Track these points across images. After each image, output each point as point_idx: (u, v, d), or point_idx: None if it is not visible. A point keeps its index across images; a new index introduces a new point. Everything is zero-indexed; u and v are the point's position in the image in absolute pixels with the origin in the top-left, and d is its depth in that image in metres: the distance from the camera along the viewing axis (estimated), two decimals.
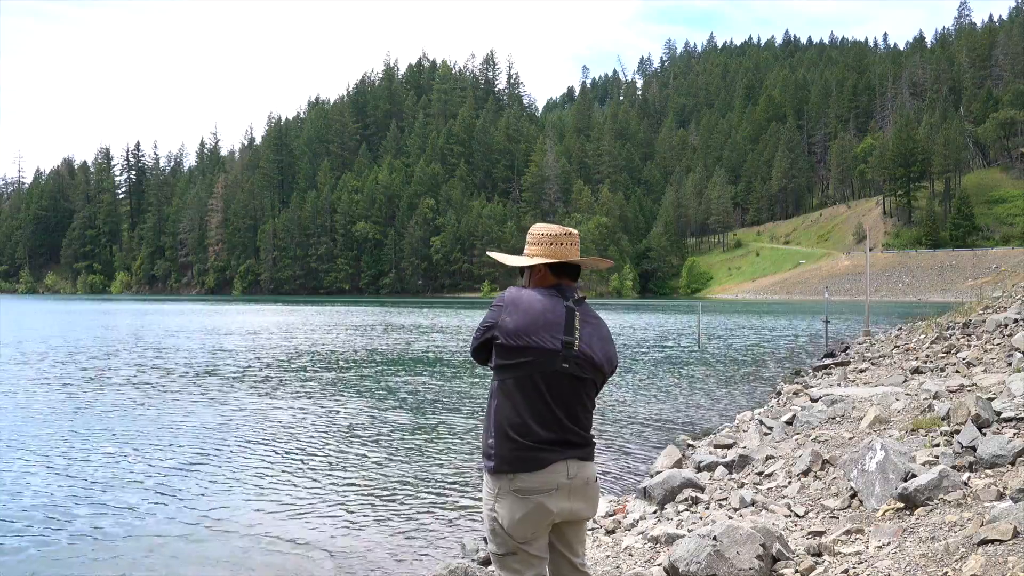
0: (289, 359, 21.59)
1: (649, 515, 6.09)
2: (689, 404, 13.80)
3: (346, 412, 12.59)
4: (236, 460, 9.10)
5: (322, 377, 17.42)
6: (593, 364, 2.87)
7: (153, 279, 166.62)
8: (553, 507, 2.82)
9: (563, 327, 2.83)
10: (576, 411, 2.86)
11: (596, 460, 2.76)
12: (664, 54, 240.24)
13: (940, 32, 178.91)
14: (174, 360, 20.82)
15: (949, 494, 4.53)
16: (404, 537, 6.40)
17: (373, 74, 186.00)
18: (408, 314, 55.50)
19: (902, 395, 8.56)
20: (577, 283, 3.02)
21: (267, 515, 6.95)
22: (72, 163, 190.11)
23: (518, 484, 2.80)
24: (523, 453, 2.79)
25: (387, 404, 13.53)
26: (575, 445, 2.86)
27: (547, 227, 2.99)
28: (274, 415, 12.23)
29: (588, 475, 2.90)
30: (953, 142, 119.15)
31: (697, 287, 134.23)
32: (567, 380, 2.83)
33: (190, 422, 11.46)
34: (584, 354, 2.85)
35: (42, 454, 9.28)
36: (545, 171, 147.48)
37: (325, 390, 15.23)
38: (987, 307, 17.08)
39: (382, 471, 8.65)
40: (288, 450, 9.69)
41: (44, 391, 14.58)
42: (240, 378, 17.01)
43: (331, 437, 10.52)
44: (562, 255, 2.95)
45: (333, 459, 9.21)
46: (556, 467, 2.82)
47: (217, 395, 14.34)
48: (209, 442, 10.07)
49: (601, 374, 2.91)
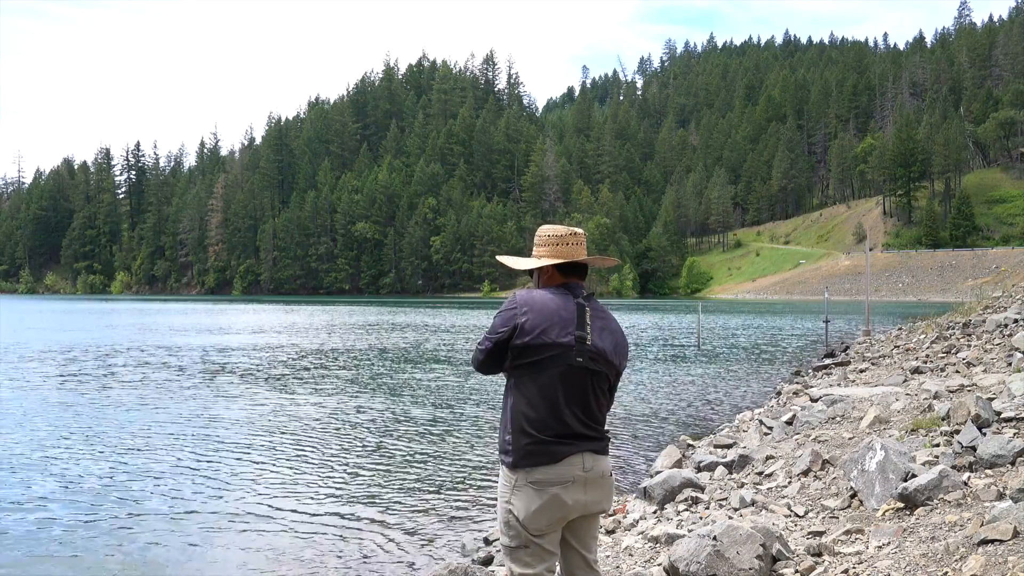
0: (291, 359, 21.59)
1: (649, 515, 6.09)
2: (689, 404, 13.80)
3: (346, 412, 12.60)
4: (236, 459, 9.10)
5: (323, 377, 17.42)
6: (605, 357, 2.93)
7: (153, 279, 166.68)
8: (569, 499, 2.86)
9: (575, 323, 2.90)
10: (591, 405, 2.92)
11: None
12: (664, 54, 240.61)
13: (940, 32, 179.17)
14: (182, 358, 20.83)
15: (949, 494, 4.53)
16: (404, 537, 6.40)
17: (373, 74, 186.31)
18: (411, 314, 55.50)
19: (902, 395, 8.55)
20: (585, 281, 3.09)
21: (267, 514, 6.95)
22: (72, 163, 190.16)
23: (535, 476, 2.84)
24: (539, 447, 2.84)
25: (388, 404, 13.53)
26: (590, 439, 2.91)
27: (553, 228, 3.07)
28: (275, 414, 12.23)
29: (604, 468, 2.94)
30: (953, 142, 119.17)
31: (697, 287, 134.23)
32: (581, 375, 2.89)
33: (188, 421, 11.46)
34: (597, 348, 2.91)
35: (50, 448, 9.29)
36: (545, 171, 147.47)
37: (326, 389, 15.23)
38: (987, 307, 17.09)
39: (382, 470, 8.65)
40: (289, 449, 9.69)
41: (53, 388, 14.58)
42: (242, 377, 17.01)
43: (331, 437, 10.52)
44: (569, 255, 3.02)
45: (333, 459, 9.21)
46: (572, 460, 2.86)
47: (217, 394, 14.34)
48: (209, 441, 10.06)
49: (613, 366, 2.97)
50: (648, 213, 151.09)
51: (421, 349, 25.45)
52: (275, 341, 28.54)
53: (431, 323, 42.81)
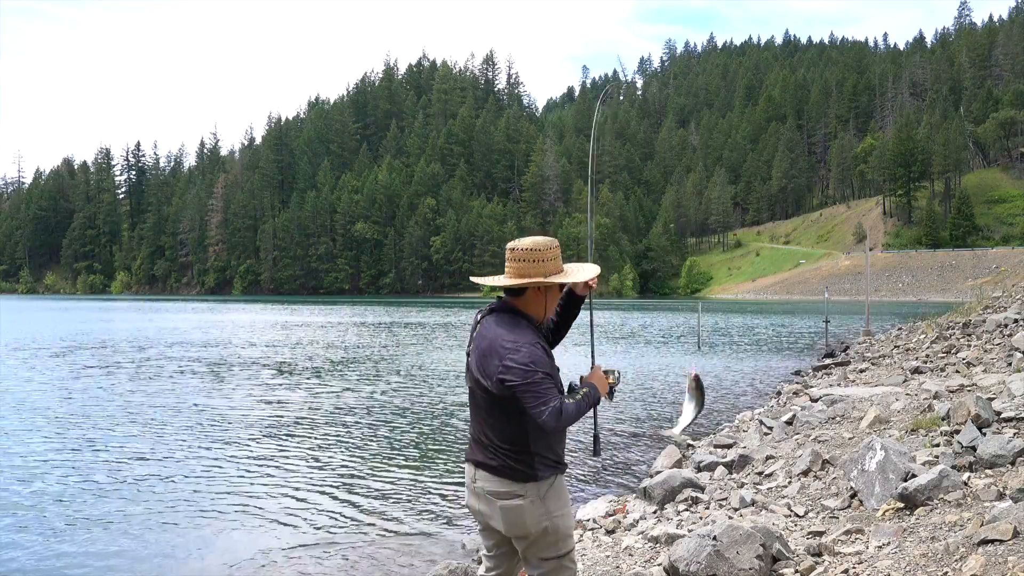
0: (292, 359, 21.58)
1: (649, 515, 6.09)
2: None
3: (347, 411, 12.59)
4: (236, 459, 9.09)
5: (324, 376, 17.41)
6: (472, 373, 2.93)
7: (153, 279, 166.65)
8: (467, 500, 3.06)
9: (469, 339, 3.01)
10: (479, 420, 2.95)
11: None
12: (664, 54, 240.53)
13: (940, 32, 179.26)
14: (177, 357, 20.82)
15: (949, 494, 4.53)
16: (404, 537, 6.40)
17: (373, 74, 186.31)
18: (415, 313, 55.50)
19: (902, 395, 8.55)
20: (519, 294, 2.91)
21: (267, 514, 6.94)
22: (72, 163, 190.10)
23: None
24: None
25: (388, 404, 13.52)
26: (478, 453, 2.94)
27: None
28: (276, 414, 12.22)
29: (492, 488, 2.86)
30: (953, 142, 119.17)
31: (697, 287, 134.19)
32: (472, 387, 2.95)
33: (188, 421, 11.46)
34: (468, 364, 2.97)
35: (49, 446, 9.29)
36: (545, 171, 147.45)
37: (327, 389, 15.22)
38: (987, 307, 17.09)
39: (383, 471, 8.65)
40: (288, 448, 9.68)
41: (53, 387, 14.57)
42: (243, 377, 16.99)
43: (332, 437, 10.52)
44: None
45: (334, 458, 9.21)
46: (467, 467, 3.03)
47: (217, 393, 14.34)
48: (209, 441, 10.06)
49: (479, 383, 2.86)
50: (648, 213, 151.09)
51: (425, 350, 25.44)
52: (275, 341, 28.54)
53: (429, 322, 42.81)
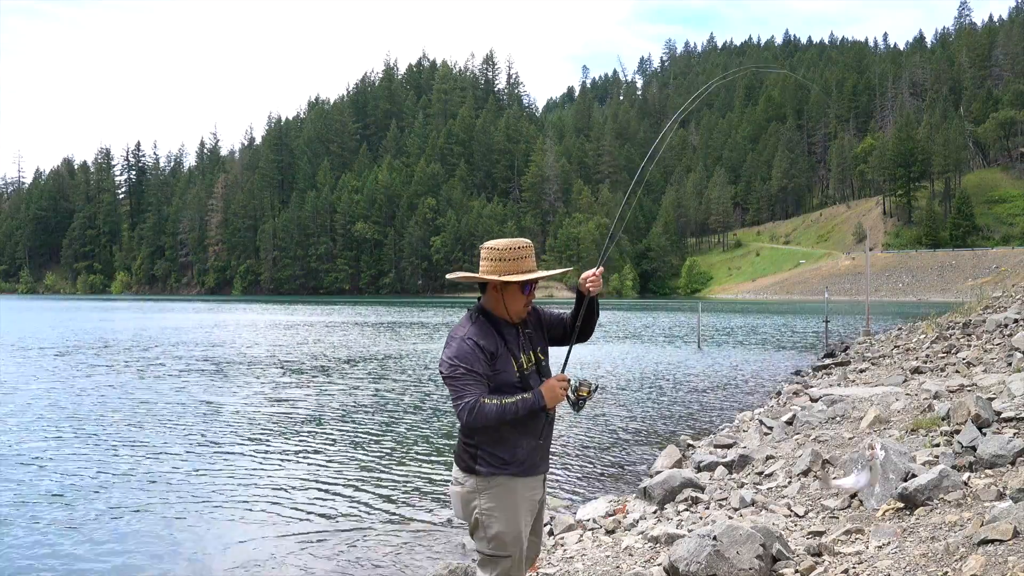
0: (292, 359, 21.58)
1: (649, 515, 6.09)
2: (689, 404, 13.80)
3: (347, 411, 12.59)
4: (238, 457, 9.10)
5: (324, 375, 17.41)
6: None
7: (153, 279, 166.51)
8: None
9: None
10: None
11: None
12: (664, 54, 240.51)
13: (940, 32, 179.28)
14: (179, 356, 20.83)
15: (949, 494, 4.53)
16: (404, 537, 6.40)
17: (373, 74, 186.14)
18: (415, 313, 55.48)
19: (902, 395, 8.55)
20: (484, 293, 3.19)
21: (269, 512, 6.95)
22: (72, 163, 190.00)
23: None
24: None
25: (389, 404, 13.52)
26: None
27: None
28: (276, 414, 12.23)
29: (452, 473, 3.20)
30: (953, 142, 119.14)
31: (697, 287, 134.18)
32: None
33: (191, 419, 11.46)
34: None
35: (48, 445, 9.29)
36: (545, 171, 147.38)
37: (327, 389, 15.22)
38: (987, 307, 17.09)
39: (383, 470, 8.65)
40: (288, 448, 9.68)
41: (52, 385, 14.58)
42: (243, 376, 17.00)
43: (333, 436, 10.52)
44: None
45: (335, 458, 9.21)
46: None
47: (220, 392, 14.34)
48: (208, 440, 10.06)
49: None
50: (648, 213, 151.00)
51: (423, 349, 25.44)
52: (276, 340, 28.54)
53: (430, 322, 42.80)
